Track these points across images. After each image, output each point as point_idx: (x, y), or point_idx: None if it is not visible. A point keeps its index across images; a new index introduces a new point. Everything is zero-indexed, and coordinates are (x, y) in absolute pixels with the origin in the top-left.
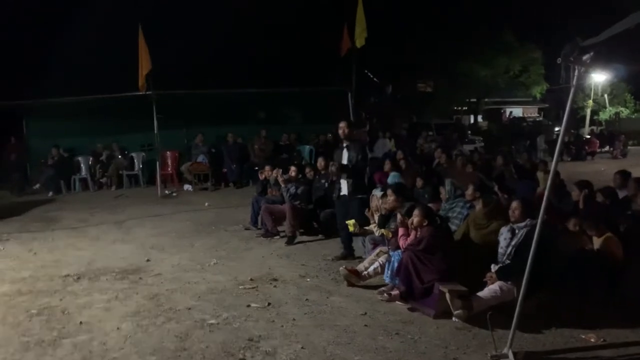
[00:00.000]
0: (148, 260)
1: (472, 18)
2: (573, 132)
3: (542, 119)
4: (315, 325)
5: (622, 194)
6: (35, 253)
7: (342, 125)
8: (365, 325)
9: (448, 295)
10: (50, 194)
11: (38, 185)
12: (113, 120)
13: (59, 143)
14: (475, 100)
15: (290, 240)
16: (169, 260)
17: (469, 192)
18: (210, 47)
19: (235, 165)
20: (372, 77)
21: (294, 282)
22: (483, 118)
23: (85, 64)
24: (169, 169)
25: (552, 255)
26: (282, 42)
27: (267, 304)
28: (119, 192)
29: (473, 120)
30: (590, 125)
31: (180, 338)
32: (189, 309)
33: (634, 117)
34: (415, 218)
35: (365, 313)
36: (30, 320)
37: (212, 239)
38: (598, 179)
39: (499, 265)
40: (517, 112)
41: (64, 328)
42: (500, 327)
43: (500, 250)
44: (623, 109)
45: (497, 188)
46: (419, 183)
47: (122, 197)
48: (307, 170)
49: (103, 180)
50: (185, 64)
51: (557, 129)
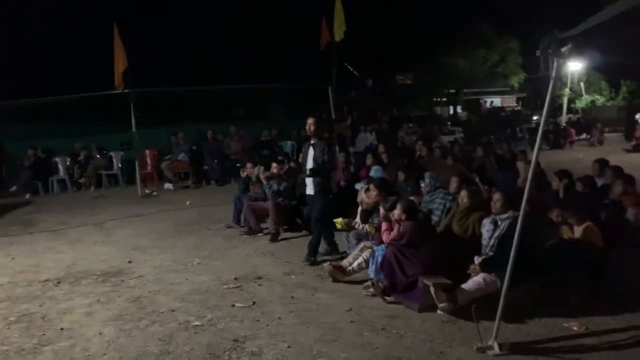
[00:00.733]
0: (130, 262)
1: (449, 10)
2: (552, 120)
3: (520, 108)
4: (301, 323)
5: (600, 182)
6: (13, 258)
7: (310, 122)
8: (351, 322)
9: (432, 289)
10: (28, 197)
11: (15, 188)
12: (90, 120)
13: (35, 144)
14: (455, 91)
15: (274, 238)
16: (151, 262)
17: (453, 184)
18: (189, 43)
19: (217, 163)
20: (352, 70)
21: (279, 280)
22: (462, 109)
23: (61, 63)
24: (149, 168)
25: (534, 246)
26: (261, 37)
27: (252, 303)
28: (98, 192)
29: (452, 111)
30: (567, 114)
31: (165, 341)
32: (173, 311)
33: (610, 104)
34: (396, 212)
35: (351, 309)
36: (9, 328)
37: (194, 239)
38: (576, 167)
39: (482, 257)
40: (496, 102)
41: (45, 335)
42: (485, 318)
43: (484, 242)
44: (599, 97)
45: (478, 179)
46: (401, 177)
47: (101, 197)
48: (291, 165)
49: (82, 181)
50: (164, 61)
51: (535, 118)
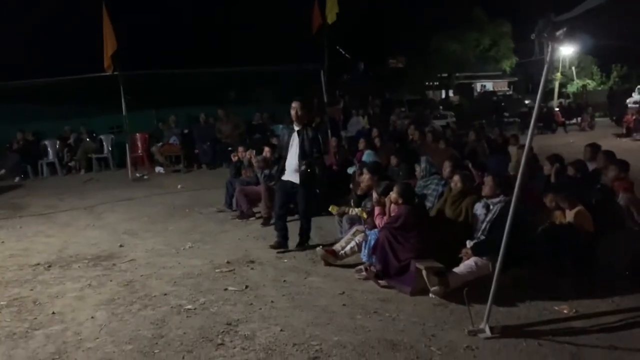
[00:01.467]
0: (121, 246)
1: None
2: (543, 105)
3: (512, 93)
4: (294, 307)
5: (591, 167)
6: (3, 242)
7: (295, 106)
8: (344, 305)
9: (424, 272)
10: (17, 180)
11: (3, 171)
12: (80, 103)
13: (24, 127)
14: (447, 75)
15: (266, 222)
16: (143, 245)
17: (446, 168)
18: (180, 25)
19: (208, 147)
20: (344, 54)
21: (271, 263)
22: (454, 93)
23: (49, 44)
24: (140, 152)
25: (525, 230)
26: (253, 19)
27: (244, 287)
28: (89, 176)
29: (445, 96)
30: (558, 98)
31: (157, 325)
32: (165, 295)
33: (601, 89)
34: (392, 195)
35: (343, 292)
36: (0, 312)
37: (186, 222)
38: (567, 151)
39: (474, 241)
40: (488, 86)
41: (36, 319)
42: (477, 302)
43: (476, 227)
44: (590, 82)
45: (470, 164)
46: (394, 161)
47: (91, 181)
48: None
49: (71, 164)
50: (154, 44)
51: (527, 102)
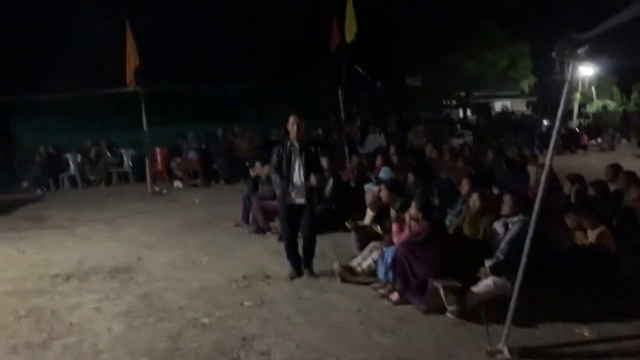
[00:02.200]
0: (139, 259)
1: (459, 12)
2: (563, 125)
3: (530, 113)
4: (310, 323)
5: (612, 188)
6: (24, 252)
7: (294, 121)
8: (360, 322)
9: (442, 291)
10: (39, 192)
11: (26, 183)
12: (101, 117)
13: (46, 140)
14: (465, 94)
15: (282, 237)
16: (160, 259)
17: (464, 186)
18: (200, 42)
19: (226, 162)
20: (362, 72)
21: (287, 279)
22: (472, 112)
23: (72, 60)
24: (159, 166)
25: (545, 250)
26: (271, 37)
27: (260, 302)
28: (108, 189)
29: (462, 114)
30: (577, 118)
31: (173, 338)
32: (181, 308)
33: (621, 109)
34: (412, 210)
35: (359, 310)
36: (19, 322)
37: (203, 236)
38: (587, 172)
39: (493, 260)
40: (508, 105)
41: (54, 329)
42: (495, 322)
43: (494, 245)
44: (610, 102)
45: (488, 182)
46: (411, 178)
47: (111, 194)
48: None
49: (92, 178)
50: (174, 60)
51: (545, 122)
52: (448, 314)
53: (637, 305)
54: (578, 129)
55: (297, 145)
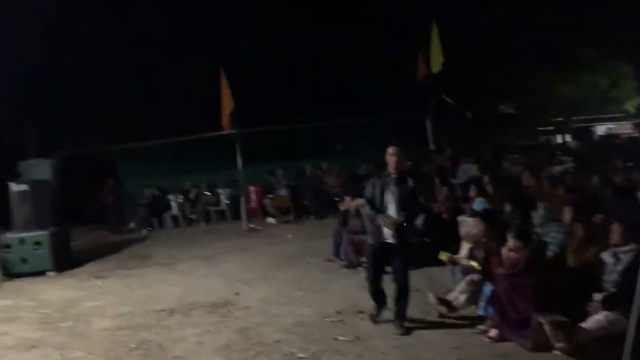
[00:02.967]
0: (236, 294)
1: (550, 36)
2: None
3: (638, 135)
4: None
5: None
6: (132, 289)
7: (393, 152)
8: None
9: (548, 327)
10: (144, 232)
11: (134, 224)
12: (199, 159)
13: (150, 183)
14: (562, 119)
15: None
16: (256, 294)
17: (567, 214)
18: (288, 80)
19: (315, 197)
20: (450, 101)
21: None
22: (572, 137)
23: (171, 107)
24: (253, 204)
25: None
26: (357, 71)
27: (354, 337)
28: (207, 227)
29: (561, 140)
30: None
31: None
32: (278, 342)
33: None
34: (510, 240)
35: (458, 347)
36: (130, 354)
37: (296, 271)
38: None
39: (604, 294)
40: (613, 129)
41: None
42: None
43: (604, 277)
44: None
45: (593, 210)
46: (507, 208)
47: (209, 232)
48: None
49: (192, 217)
50: (267, 101)
51: None
52: (555, 352)
53: None
54: None
55: (394, 178)
